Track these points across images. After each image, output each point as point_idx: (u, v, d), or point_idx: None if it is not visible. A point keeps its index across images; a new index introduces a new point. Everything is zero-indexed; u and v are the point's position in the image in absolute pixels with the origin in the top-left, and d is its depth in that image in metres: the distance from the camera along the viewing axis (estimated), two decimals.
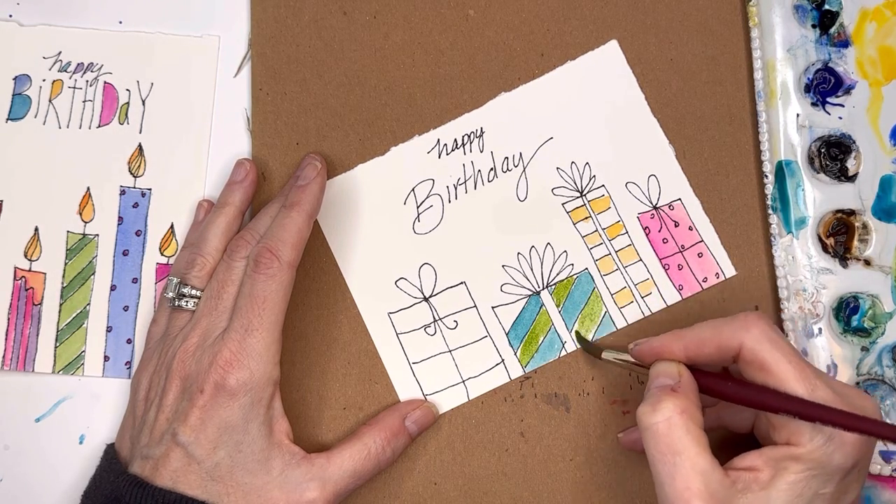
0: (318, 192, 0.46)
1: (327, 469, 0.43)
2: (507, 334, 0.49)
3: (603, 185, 0.50)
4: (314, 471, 0.43)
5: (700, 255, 0.49)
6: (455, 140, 0.50)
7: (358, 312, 0.49)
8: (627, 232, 0.49)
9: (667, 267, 0.49)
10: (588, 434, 0.48)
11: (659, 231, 0.49)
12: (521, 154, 0.50)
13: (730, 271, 0.49)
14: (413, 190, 0.50)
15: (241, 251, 0.45)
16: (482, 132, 0.50)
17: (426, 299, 0.49)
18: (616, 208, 0.49)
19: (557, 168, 0.50)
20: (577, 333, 0.48)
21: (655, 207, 0.50)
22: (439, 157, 0.50)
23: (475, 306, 0.49)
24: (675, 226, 0.49)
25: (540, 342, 0.49)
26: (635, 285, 0.49)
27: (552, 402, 0.48)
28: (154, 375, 0.44)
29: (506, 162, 0.50)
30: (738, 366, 0.40)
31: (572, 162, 0.50)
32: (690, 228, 0.49)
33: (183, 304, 0.45)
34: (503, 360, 0.48)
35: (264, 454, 0.42)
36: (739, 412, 0.43)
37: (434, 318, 0.49)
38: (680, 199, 0.50)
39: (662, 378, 0.40)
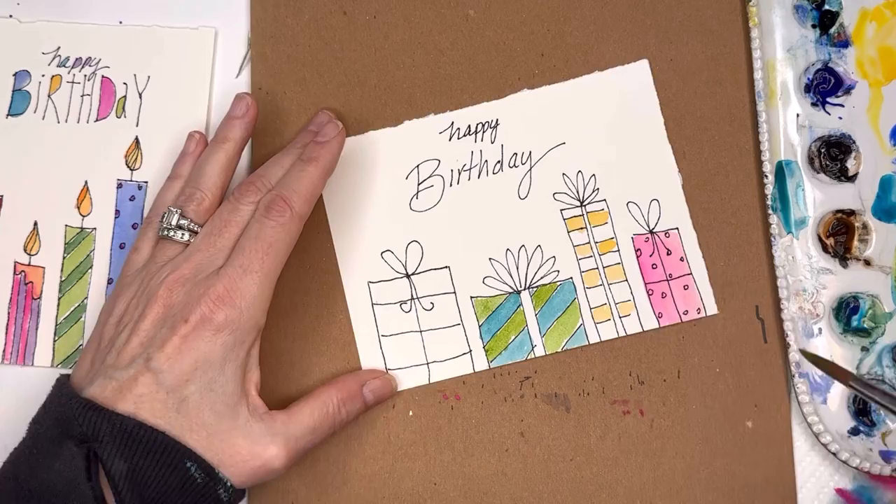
0: (336, 151, 0.45)
1: (289, 426, 0.43)
2: (479, 326, 0.48)
3: (604, 200, 0.49)
4: (277, 426, 0.42)
5: (686, 287, 0.49)
6: (469, 126, 0.50)
7: (339, 275, 0.48)
8: (619, 250, 0.49)
9: (650, 292, 0.49)
10: (588, 434, 0.48)
11: (650, 255, 0.49)
12: (530, 153, 0.50)
13: (712, 309, 0.48)
14: (417, 167, 0.49)
15: (251, 196, 0.44)
16: (497, 123, 0.50)
17: (408, 276, 0.49)
18: (612, 225, 0.49)
19: (563, 174, 0.49)
20: (809, 354, 0.45)
21: (652, 232, 0.49)
22: (450, 139, 0.50)
23: (454, 292, 0.49)
24: (668, 254, 0.49)
25: (510, 340, 0.48)
26: (616, 304, 0.48)
27: (552, 402, 0.48)
28: (133, 300, 0.43)
29: (514, 158, 0.50)
30: None
31: (579, 171, 0.50)
32: (682, 259, 0.49)
33: (177, 235, 0.44)
34: (471, 350, 0.48)
35: (234, 398, 0.42)
36: None
37: (412, 296, 0.48)
38: (678, 228, 0.49)
39: None
